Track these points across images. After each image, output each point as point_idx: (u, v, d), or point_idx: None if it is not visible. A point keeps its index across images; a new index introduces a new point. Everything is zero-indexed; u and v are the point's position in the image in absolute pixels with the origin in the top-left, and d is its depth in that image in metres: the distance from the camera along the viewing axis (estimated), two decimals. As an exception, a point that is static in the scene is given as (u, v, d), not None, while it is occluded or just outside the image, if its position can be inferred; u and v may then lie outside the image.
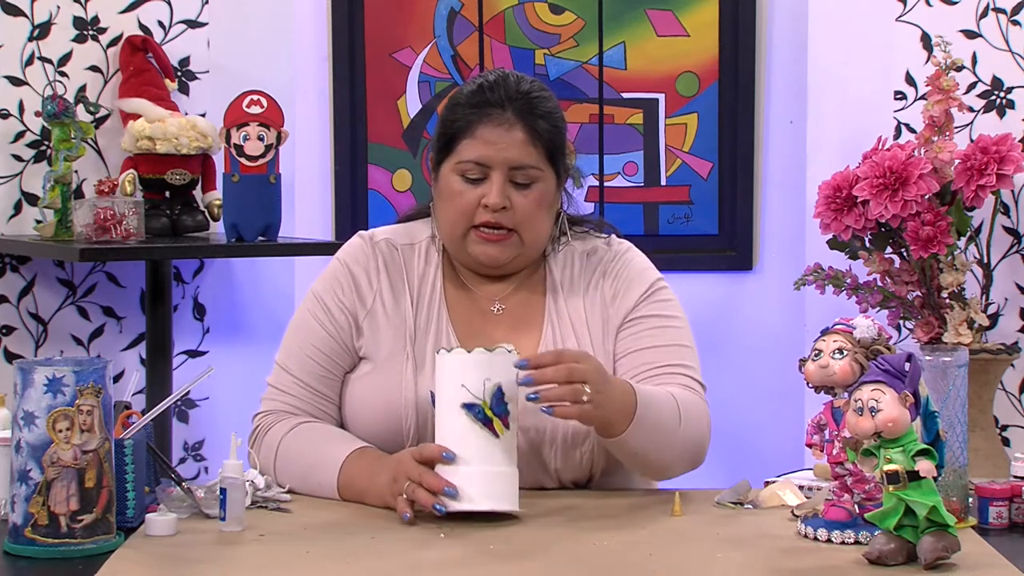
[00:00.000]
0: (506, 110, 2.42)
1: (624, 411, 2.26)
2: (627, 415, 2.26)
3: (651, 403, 2.30)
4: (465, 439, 2.17)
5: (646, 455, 2.33)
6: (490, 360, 2.17)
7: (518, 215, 2.43)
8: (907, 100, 3.71)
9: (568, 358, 2.20)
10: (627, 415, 2.26)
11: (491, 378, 2.16)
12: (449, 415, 2.18)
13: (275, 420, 2.45)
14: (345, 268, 2.51)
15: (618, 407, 2.25)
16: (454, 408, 2.17)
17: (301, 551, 2.06)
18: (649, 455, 2.33)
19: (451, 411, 2.18)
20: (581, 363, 2.20)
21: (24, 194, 3.63)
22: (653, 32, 3.96)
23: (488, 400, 2.16)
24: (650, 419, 2.29)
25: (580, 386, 2.17)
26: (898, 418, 1.95)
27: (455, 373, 2.18)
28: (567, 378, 2.17)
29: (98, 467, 2.03)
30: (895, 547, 1.98)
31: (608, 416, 2.24)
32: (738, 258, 3.97)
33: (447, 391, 2.19)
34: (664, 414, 2.32)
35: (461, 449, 2.17)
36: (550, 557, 2.05)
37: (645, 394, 2.30)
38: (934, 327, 3.45)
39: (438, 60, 3.94)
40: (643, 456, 2.33)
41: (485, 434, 2.16)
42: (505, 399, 2.16)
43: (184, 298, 3.79)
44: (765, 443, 3.84)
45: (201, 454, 3.83)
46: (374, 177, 3.94)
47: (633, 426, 2.26)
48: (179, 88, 3.73)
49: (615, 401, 2.24)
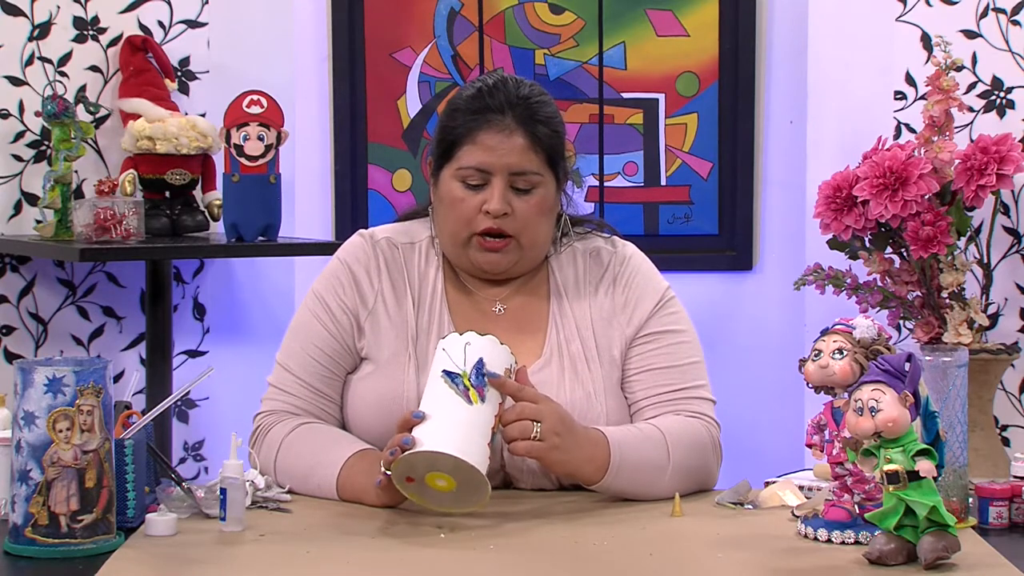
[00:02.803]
0: (506, 116, 2.42)
1: (594, 460, 2.30)
2: (599, 463, 2.30)
3: (629, 445, 2.34)
4: (440, 401, 2.20)
5: (635, 494, 2.36)
6: (478, 339, 2.22)
7: (519, 221, 2.44)
8: (907, 100, 3.71)
9: (527, 396, 2.24)
10: (599, 463, 2.30)
11: (472, 345, 2.21)
12: (431, 382, 2.23)
13: (276, 420, 2.45)
14: (346, 267, 2.51)
15: (586, 456, 2.29)
16: (436, 375, 2.22)
17: (301, 551, 2.06)
18: (639, 493, 2.36)
19: (433, 378, 2.22)
20: (539, 404, 2.24)
21: (24, 194, 3.63)
22: (653, 32, 3.96)
23: (468, 371, 2.19)
24: (631, 462, 2.33)
25: (530, 424, 2.22)
26: (898, 418, 1.95)
27: (444, 343, 2.24)
28: (517, 416, 2.22)
29: (98, 467, 2.03)
30: (895, 547, 1.98)
31: (571, 461, 2.28)
32: (738, 258, 3.97)
33: (434, 365, 2.23)
34: (647, 453, 2.35)
35: (433, 408, 2.20)
36: (550, 557, 2.05)
37: (620, 437, 2.34)
38: (934, 327, 3.45)
39: (438, 60, 3.94)
40: (632, 495, 2.36)
41: (459, 400, 2.19)
42: (483, 372, 2.20)
43: (184, 298, 3.79)
44: (765, 443, 3.84)
45: (201, 454, 3.83)
46: (374, 177, 3.94)
47: (610, 474, 2.31)
48: (179, 88, 3.73)
49: (583, 447, 2.28)
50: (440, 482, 2.19)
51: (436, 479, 2.19)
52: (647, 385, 2.47)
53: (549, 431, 2.23)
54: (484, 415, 2.20)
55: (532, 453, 2.24)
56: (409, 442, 2.16)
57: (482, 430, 2.20)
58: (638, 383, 2.48)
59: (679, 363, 2.49)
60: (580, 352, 2.47)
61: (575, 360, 2.46)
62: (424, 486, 2.20)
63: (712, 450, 2.45)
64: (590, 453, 2.29)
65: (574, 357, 2.46)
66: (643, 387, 2.47)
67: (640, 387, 2.47)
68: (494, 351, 2.23)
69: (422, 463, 2.17)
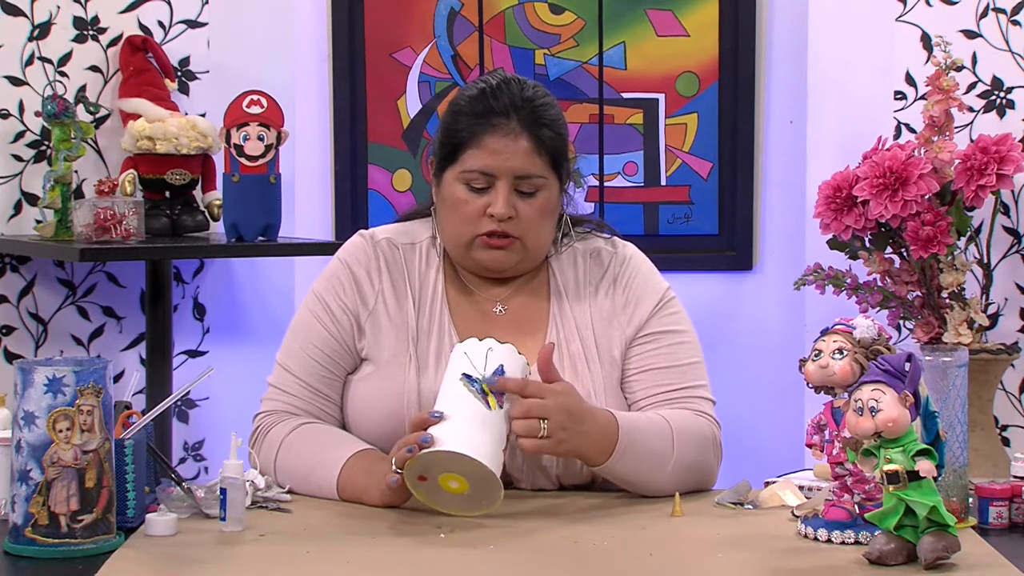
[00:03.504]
0: (511, 119, 2.42)
1: (603, 443, 2.30)
2: (607, 446, 2.30)
3: (638, 431, 2.34)
4: (458, 403, 2.20)
5: (635, 481, 2.36)
6: (499, 347, 2.23)
7: (523, 224, 2.44)
8: (907, 100, 3.71)
9: (532, 391, 2.23)
10: (607, 446, 2.30)
11: (494, 351, 2.22)
12: (449, 384, 2.23)
13: (276, 420, 2.45)
14: (346, 268, 2.51)
15: (595, 441, 2.29)
16: (454, 377, 2.22)
17: (301, 551, 2.06)
18: (639, 480, 2.36)
19: (451, 380, 2.22)
20: (546, 399, 2.23)
21: (24, 194, 3.63)
22: (653, 32, 3.96)
23: (487, 375, 2.20)
24: (636, 447, 2.32)
25: (537, 422, 2.21)
26: (898, 418, 1.95)
27: (465, 347, 2.24)
28: (524, 414, 2.21)
29: (98, 467, 2.03)
30: (895, 547, 1.98)
31: (580, 450, 2.29)
32: (738, 258, 3.97)
33: (452, 368, 2.24)
34: (654, 441, 2.35)
35: (454, 410, 2.19)
36: (550, 557, 2.05)
37: (630, 423, 2.34)
38: (934, 327, 3.45)
39: (438, 60, 3.94)
40: (632, 481, 2.36)
41: (477, 402, 2.19)
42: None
43: (184, 298, 3.79)
44: (765, 443, 3.84)
45: (201, 454, 3.83)
46: (374, 177, 3.94)
47: (615, 456, 2.31)
48: (179, 88, 3.73)
49: (591, 436, 2.28)
50: (453, 483, 2.19)
51: (449, 480, 2.19)
52: (647, 385, 2.47)
53: (556, 427, 2.22)
54: (501, 421, 2.20)
55: (540, 451, 2.25)
56: (428, 440, 2.16)
57: (499, 435, 2.20)
58: (638, 383, 2.48)
59: (679, 363, 2.49)
60: (580, 352, 2.47)
61: (575, 360, 2.46)
62: (436, 486, 2.20)
63: (713, 448, 2.45)
64: (597, 439, 2.29)
65: (574, 357, 2.46)
66: (643, 387, 2.47)
67: (640, 387, 2.48)
68: (513, 360, 2.23)
69: (440, 463, 2.17)
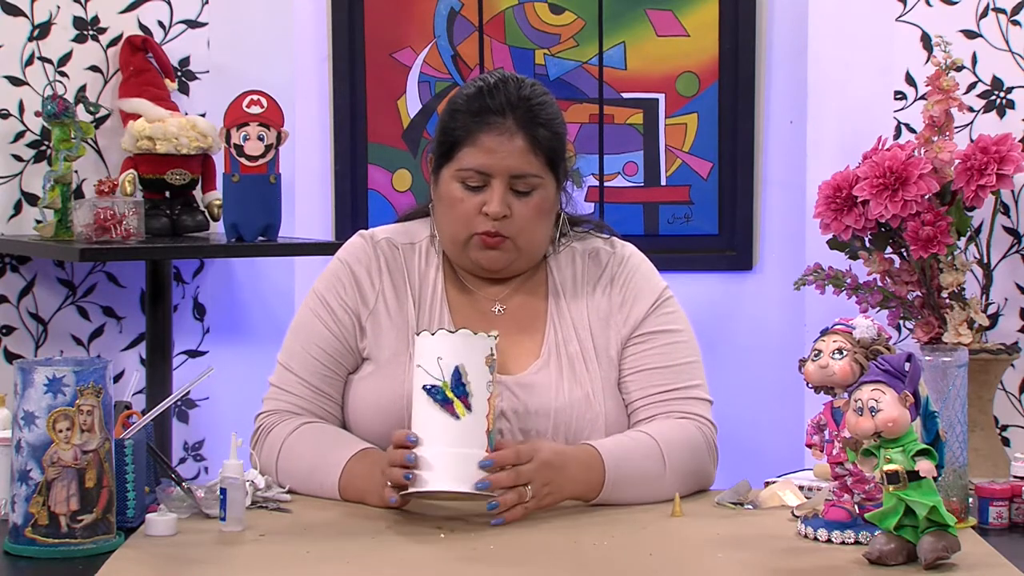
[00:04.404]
0: (507, 118, 2.42)
1: (591, 481, 2.31)
2: (596, 483, 2.31)
3: (624, 458, 2.34)
4: (426, 421, 2.19)
5: (634, 501, 2.35)
6: (452, 341, 2.18)
7: (518, 223, 2.43)
8: (907, 100, 3.71)
9: (524, 456, 2.22)
10: (596, 483, 2.31)
11: (445, 358, 2.17)
12: (415, 397, 2.21)
13: (278, 420, 2.45)
14: (347, 267, 2.51)
15: (582, 482, 2.30)
16: (417, 390, 2.20)
17: (301, 551, 2.06)
18: (638, 500, 2.35)
19: (416, 393, 2.20)
20: (532, 461, 2.23)
21: (24, 194, 3.63)
22: (653, 32, 3.96)
23: (448, 381, 2.17)
24: (626, 474, 2.33)
25: (523, 489, 2.21)
26: (898, 418, 1.95)
27: (419, 354, 2.20)
28: (514, 483, 2.21)
29: (98, 467, 2.03)
30: (895, 547, 1.98)
31: (569, 495, 2.30)
32: (738, 258, 3.97)
33: (415, 374, 2.21)
34: (642, 462, 2.36)
35: (423, 431, 2.19)
36: (550, 557, 2.05)
37: (615, 451, 2.34)
38: (934, 327, 3.45)
39: (438, 60, 3.94)
40: (631, 503, 2.35)
41: (443, 416, 2.17)
42: (464, 380, 2.17)
43: (184, 298, 3.79)
44: (765, 443, 3.84)
45: (201, 454, 3.83)
46: (374, 177, 3.94)
47: (607, 488, 2.32)
48: (179, 88, 3.73)
49: (577, 479, 2.29)
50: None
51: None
52: (642, 385, 2.47)
53: (539, 486, 2.23)
54: (474, 424, 2.18)
55: (528, 513, 2.24)
56: (411, 478, 2.17)
57: (476, 440, 2.18)
58: (633, 383, 2.47)
59: (674, 363, 2.48)
60: (578, 352, 2.47)
61: (573, 360, 2.46)
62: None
63: (707, 451, 2.44)
64: (584, 479, 2.30)
65: (572, 357, 2.46)
66: (638, 387, 2.47)
67: (635, 387, 2.47)
68: (469, 348, 2.18)
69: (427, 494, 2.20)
